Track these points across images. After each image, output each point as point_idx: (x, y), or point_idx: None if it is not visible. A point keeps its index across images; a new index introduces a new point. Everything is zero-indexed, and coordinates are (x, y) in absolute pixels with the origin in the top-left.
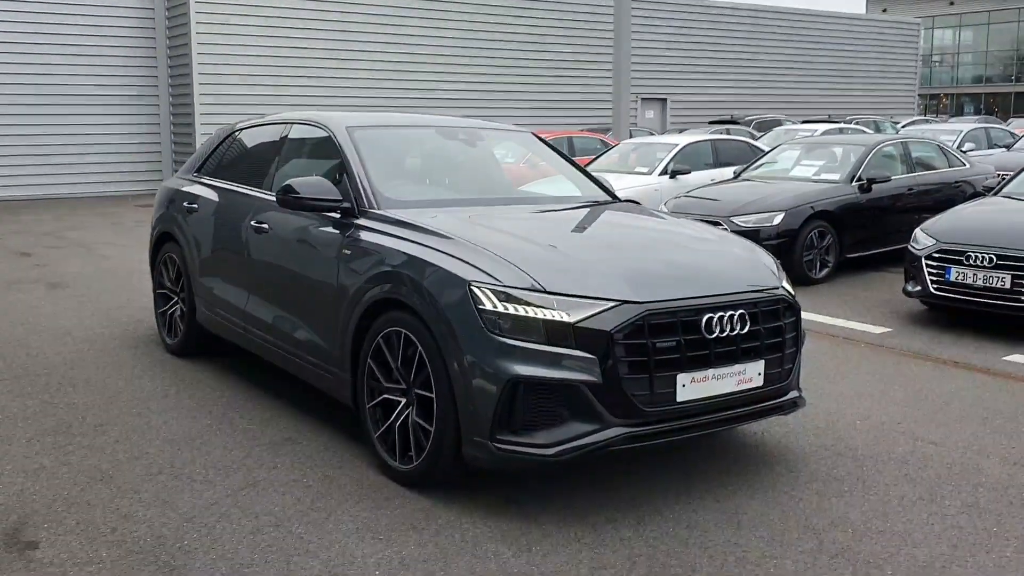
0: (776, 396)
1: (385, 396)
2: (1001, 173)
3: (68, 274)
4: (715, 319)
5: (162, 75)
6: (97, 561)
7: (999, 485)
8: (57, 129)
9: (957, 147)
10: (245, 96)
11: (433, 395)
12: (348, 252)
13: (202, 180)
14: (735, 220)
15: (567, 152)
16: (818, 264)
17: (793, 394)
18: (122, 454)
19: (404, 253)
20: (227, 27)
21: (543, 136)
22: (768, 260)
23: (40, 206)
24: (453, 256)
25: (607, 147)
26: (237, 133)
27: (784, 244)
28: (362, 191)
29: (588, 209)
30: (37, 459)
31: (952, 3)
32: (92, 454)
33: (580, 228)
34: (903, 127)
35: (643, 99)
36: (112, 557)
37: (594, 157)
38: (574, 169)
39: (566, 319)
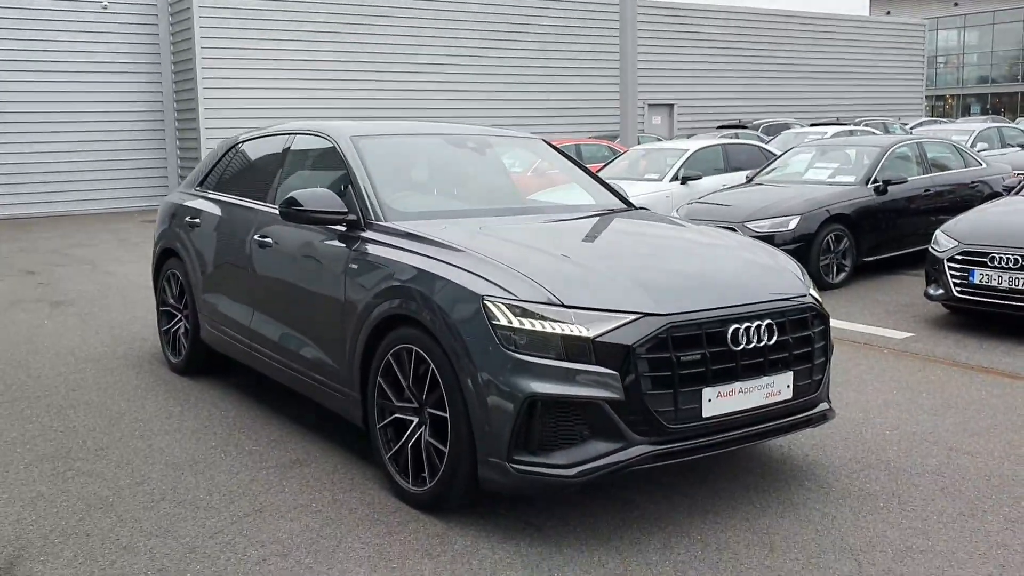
0: (806, 409)
1: (396, 416)
2: (1018, 172)
3: (72, 292)
4: (741, 330)
5: (167, 90)
6: None
7: None
8: (63, 146)
9: (970, 147)
10: (250, 110)
11: (447, 414)
12: (355, 266)
13: (204, 194)
14: (749, 226)
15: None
16: (835, 268)
17: (823, 406)
18: (123, 480)
19: (413, 267)
20: (231, 40)
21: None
22: (793, 266)
23: (46, 223)
24: (464, 269)
25: (615, 154)
26: (239, 145)
27: (800, 249)
28: (368, 203)
29: (603, 218)
30: (35, 486)
31: (956, 4)
32: (92, 481)
33: (596, 238)
34: (913, 128)
35: (650, 105)
36: None
37: (603, 164)
38: (585, 175)
39: (585, 334)
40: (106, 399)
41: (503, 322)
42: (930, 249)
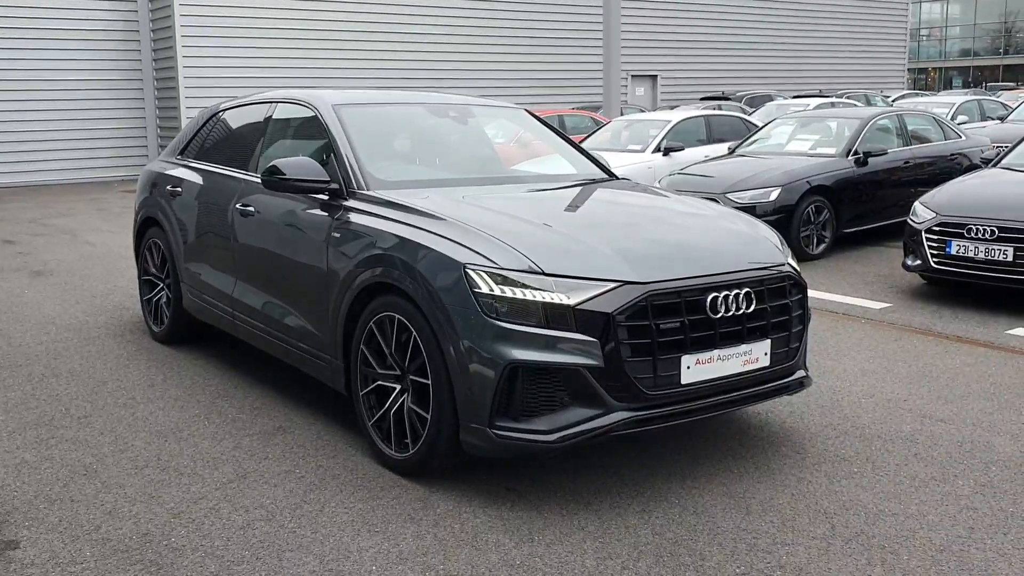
0: (783, 376)
1: (379, 383)
2: (997, 145)
3: (52, 261)
4: (720, 298)
5: (146, 57)
6: (80, 561)
7: (1011, 463)
8: (40, 115)
9: (950, 119)
10: (230, 78)
11: (429, 381)
12: (337, 235)
13: (186, 163)
14: (731, 197)
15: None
16: (815, 240)
17: (800, 374)
18: (107, 447)
19: (395, 235)
20: (211, 7)
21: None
22: (772, 236)
23: (24, 193)
24: (447, 238)
25: (598, 125)
26: (220, 113)
27: (781, 220)
28: (350, 171)
29: (584, 187)
30: (19, 454)
31: None
32: (76, 448)
33: (577, 207)
34: (895, 101)
35: (633, 76)
36: (96, 556)
37: (586, 135)
38: (568, 146)
39: (566, 301)
40: (89, 368)
41: (485, 290)
42: (908, 221)
